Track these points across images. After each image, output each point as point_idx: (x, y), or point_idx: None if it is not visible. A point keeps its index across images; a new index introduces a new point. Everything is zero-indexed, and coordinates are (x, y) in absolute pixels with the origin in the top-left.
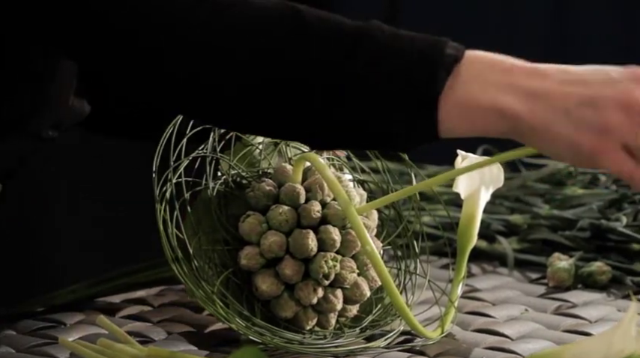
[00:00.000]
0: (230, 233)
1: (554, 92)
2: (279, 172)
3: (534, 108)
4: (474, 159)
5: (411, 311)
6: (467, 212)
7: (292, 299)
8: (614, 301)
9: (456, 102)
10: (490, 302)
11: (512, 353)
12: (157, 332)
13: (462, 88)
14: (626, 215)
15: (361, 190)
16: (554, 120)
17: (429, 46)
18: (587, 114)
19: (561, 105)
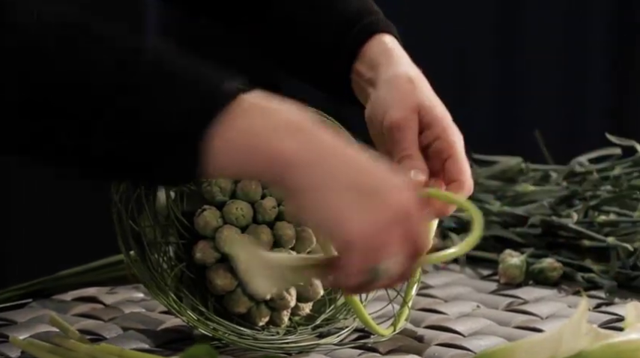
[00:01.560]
0: (186, 227)
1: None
2: None
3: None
4: None
5: (365, 308)
6: None
7: (246, 294)
8: (564, 297)
9: (228, 142)
10: (442, 298)
11: (464, 349)
12: (108, 330)
13: (236, 127)
14: (577, 211)
15: None
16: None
17: (206, 83)
18: (364, 204)
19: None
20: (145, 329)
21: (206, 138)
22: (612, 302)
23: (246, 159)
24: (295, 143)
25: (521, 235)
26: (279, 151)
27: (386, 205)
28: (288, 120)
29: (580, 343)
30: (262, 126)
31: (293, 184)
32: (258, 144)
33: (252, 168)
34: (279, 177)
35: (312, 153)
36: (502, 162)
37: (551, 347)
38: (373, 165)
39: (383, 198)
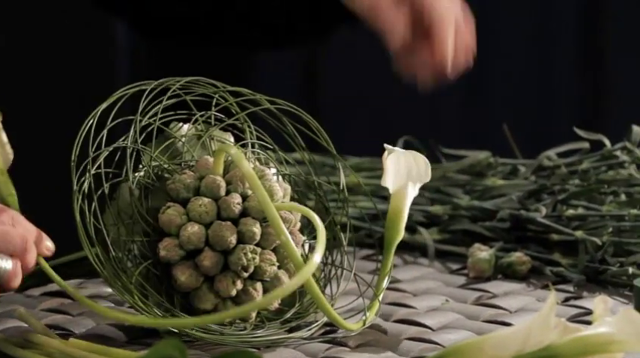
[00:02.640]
0: (150, 225)
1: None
2: (201, 165)
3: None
4: (401, 153)
5: (334, 303)
6: (394, 206)
7: (211, 291)
8: (533, 291)
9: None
10: (411, 292)
11: (433, 343)
12: (77, 325)
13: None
14: (546, 206)
15: (286, 184)
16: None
17: None
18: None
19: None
20: (114, 323)
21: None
22: (580, 296)
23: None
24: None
25: (490, 229)
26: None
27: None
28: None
29: (548, 336)
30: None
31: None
32: None
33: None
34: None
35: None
36: (471, 157)
37: (520, 341)
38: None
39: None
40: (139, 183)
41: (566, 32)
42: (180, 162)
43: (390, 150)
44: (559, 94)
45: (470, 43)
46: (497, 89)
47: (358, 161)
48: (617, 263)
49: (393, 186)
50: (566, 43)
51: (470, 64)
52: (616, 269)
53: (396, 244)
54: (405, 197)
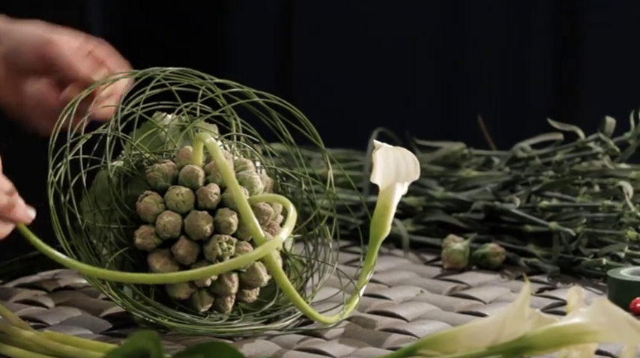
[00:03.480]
0: (128, 213)
1: None
2: (181, 155)
3: None
4: (389, 149)
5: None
6: (382, 203)
7: (186, 280)
8: (507, 282)
9: None
10: (386, 284)
11: (408, 334)
12: (52, 317)
13: None
14: (520, 197)
15: (267, 177)
16: None
17: None
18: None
19: None
20: (89, 315)
21: None
22: (555, 287)
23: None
24: None
25: (465, 220)
26: None
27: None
28: None
29: (523, 327)
30: None
31: None
32: None
33: None
34: None
35: None
36: (445, 148)
37: (495, 332)
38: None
39: None
40: (118, 171)
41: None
42: (161, 151)
43: (379, 146)
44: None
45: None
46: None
47: (334, 152)
48: (591, 254)
49: (382, 183)
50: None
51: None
52: (590, 260)
53: (381, 240)
54: (393, 194)
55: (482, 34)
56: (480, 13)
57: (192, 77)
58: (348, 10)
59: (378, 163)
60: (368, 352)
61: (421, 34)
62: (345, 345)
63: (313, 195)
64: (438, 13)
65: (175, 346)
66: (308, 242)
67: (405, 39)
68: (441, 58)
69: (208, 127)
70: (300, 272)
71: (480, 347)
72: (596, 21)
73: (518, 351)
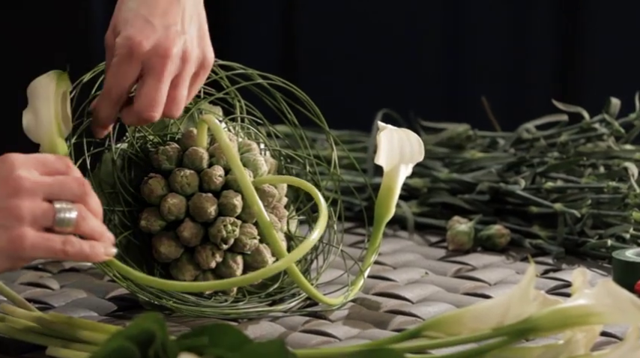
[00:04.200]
0: (132, 195)
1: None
2: (185, 137)
3: None
4: (394, 130)
5: (318, 278)
6: (386, 184)
7: (191, 262)
8: (512, 264)
9: None
10: (391, 265)
11: (413, 316)
12: (56, 299)
13: None
14: (525, 178)
15: (271, 159)
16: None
17: None
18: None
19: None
20: (94, 297)
21: None
22: (560, 269)
23: None
24: None
25: (470, 202)
26: None
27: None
28: None
29: (528, 309)
30: None
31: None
32: None
33: None
34: None
35: None
36: (450, 129)
37: (499, 313)
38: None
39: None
40: (122, 154)
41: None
42: (165, 134)
43: (383, 127)
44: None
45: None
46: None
47: (337, 134)
48: (596, 235)
49: (386, 164)
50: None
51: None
52: (595, 241)
53: (385, 222)
54: (397, 176)
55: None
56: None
57: None
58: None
59: (382, 145)
60: (373, 334)
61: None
62: (349, 327)
63: (318, 176)
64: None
65: (180, 328)
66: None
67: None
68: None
69: (212, 109)
70: (305, 254)
71: (484, 329)
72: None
73: (523, 333)
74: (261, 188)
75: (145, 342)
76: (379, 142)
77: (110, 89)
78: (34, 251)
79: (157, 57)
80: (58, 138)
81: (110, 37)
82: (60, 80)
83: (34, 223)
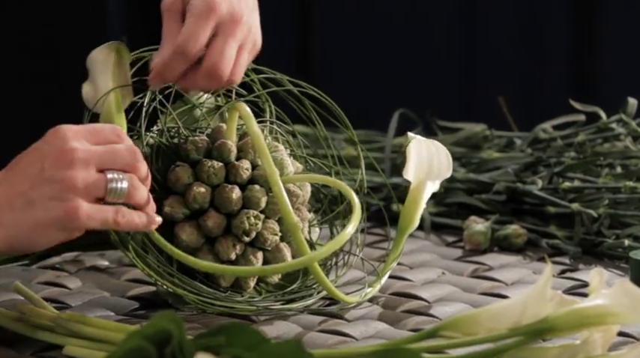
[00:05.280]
0: (157, 182)
1: (4, 193)
2: (215, 132)
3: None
4: (422, 141)
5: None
6: (412, 197)
7: (211, 252)
8: (529, 264)
9: None
10: (407, 265)
11: (430, 316)
12: (74, 298)
13: None
14: (542, 178)
15: (297, 163)
16: (19, 219)
17: None
18: (43, 189)
19: (16, 202)
20: (112, 296)
21: None
22: (577, 269)
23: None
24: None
25: (486, 202)
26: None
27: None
28: None
29: (545, 309)
30: None
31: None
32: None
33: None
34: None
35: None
36: (466, 129)
37: (516, 314)
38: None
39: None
40: (152, 142)
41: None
42: (195, 127)
43: (412, 137)
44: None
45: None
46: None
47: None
48: (613, 235)
49: (414, 178)
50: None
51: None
52: (612, 241)
53: (408, 233)
54: (423, 192)
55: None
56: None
57: None
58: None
59: (412, 157)
60: (389, 333)
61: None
62: (366, 327)
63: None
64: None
65: (192, 325)
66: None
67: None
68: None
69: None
70: (325, 259)
71: (501, 329)
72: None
73: (540, 333)
74: (286, 187)
75: (162, 342)
76: (408, 154)
77: (185, 45)
78: (89, 221)
79: (231, 20)
80: (116, 110)
81: (174, 2)
82: (120, 50)
83: (87, 194)
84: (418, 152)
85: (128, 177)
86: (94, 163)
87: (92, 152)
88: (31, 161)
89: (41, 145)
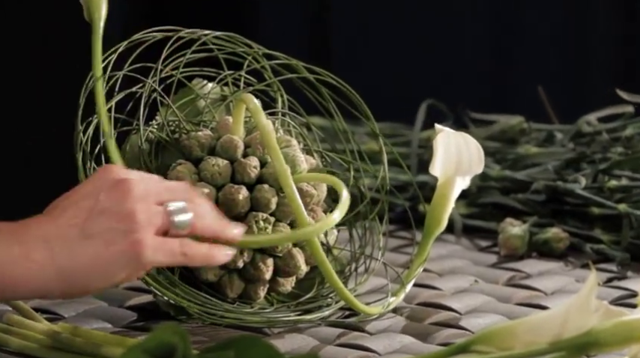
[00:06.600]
0: None
1: (56, 225)
2: (220, 126)
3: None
4: (451, 133)
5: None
6: (440, 195)
7: None
8: (571, 271)
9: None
10: (436, 272)
11: (461, 328)
12: (66, 308)
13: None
14: (585, 176)
15: (312, 159)
16: (75, 253)
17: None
18: (102, 222)
19: (70, 233)
20: (109, 306)
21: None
22: (624, 277)
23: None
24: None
25: (524, 202)
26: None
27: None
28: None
29: (589, 321)
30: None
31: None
32: None
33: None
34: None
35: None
36: (501, 122)
37: (557, 326)
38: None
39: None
40: (151, 137)
41: None
42: (199, 121)
43: (440, 130)
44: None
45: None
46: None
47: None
48: None
49: (441, 174)
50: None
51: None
52: None
53: (436, 235)
54: (452, 188)
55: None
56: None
57: (239, 44)
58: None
59: (439, 151)
60: (416, 348)
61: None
62: (390, 340)
63: (363, 181)
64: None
65: (198, 337)
66: (353, 230)
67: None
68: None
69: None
70: (343, 266)
71: (540, 343)
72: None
73: (584, 348)
74: (299, 186)
75: (165, 356)
76: (435, 148)
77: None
78: (155, 255)
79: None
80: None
81: None
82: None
83: (150, 227)
84: (446, 145)
85: (190, 207)
86: (153, 195)
87: (149, 182)
88: (84, 195)
89: (92, 180)
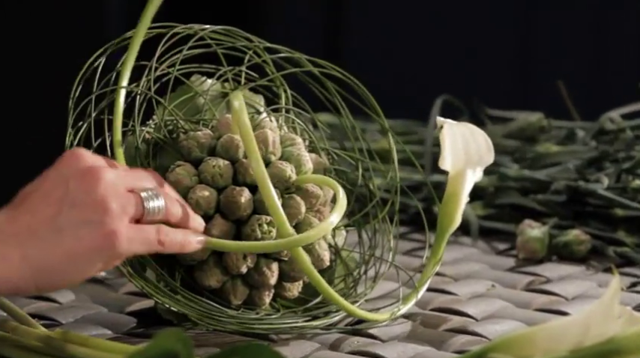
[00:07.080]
0: None
1: (27, 222)
2: (220, 124)
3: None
4: (454, 125)
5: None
6: (452, 190)
7: (218, 266)
8: (593, 275)
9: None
10: (451, 277)
11: (477, 335)
12: (65, 314)
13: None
14: (608, 175)
15: (320, 158)
16: (48, 249)
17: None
18: (74, 215)
19: (42, 229)
20: (109, 312)
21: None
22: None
23: None
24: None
25: (543, 203)
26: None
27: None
28: None
29: (611, 328)
30: None
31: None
32: None
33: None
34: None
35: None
36: (520, 119)
37: (578, 333)
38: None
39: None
40: (148, 138)
41: None
42: (198, 120)
43: (442, 122)
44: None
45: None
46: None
47: (390, 124)
48: None
49: (452, 169)
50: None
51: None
52: None
53: (449, 233)
54: (463, 181)
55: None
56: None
57: (238, 38)
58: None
59: (446, 144)
60: (430, 355)
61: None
62: (403, 348)
63: (373, 180)
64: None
65: (202, 345)
66: (362, 231)
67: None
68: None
69: (252, 97)
70: (352, 269)
71: (560, 351)
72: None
73: (606, 355)
74: (304, 187)
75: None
76: (443, 142)
77: None
78: (130, 245)
79: None
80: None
81: None
82: None
83: (124, 215)
84: (452, 138)
85: (162, 193)
86: (122, 183)
87: (118, 170)
88: (52, 186)
89: (59, 168)
